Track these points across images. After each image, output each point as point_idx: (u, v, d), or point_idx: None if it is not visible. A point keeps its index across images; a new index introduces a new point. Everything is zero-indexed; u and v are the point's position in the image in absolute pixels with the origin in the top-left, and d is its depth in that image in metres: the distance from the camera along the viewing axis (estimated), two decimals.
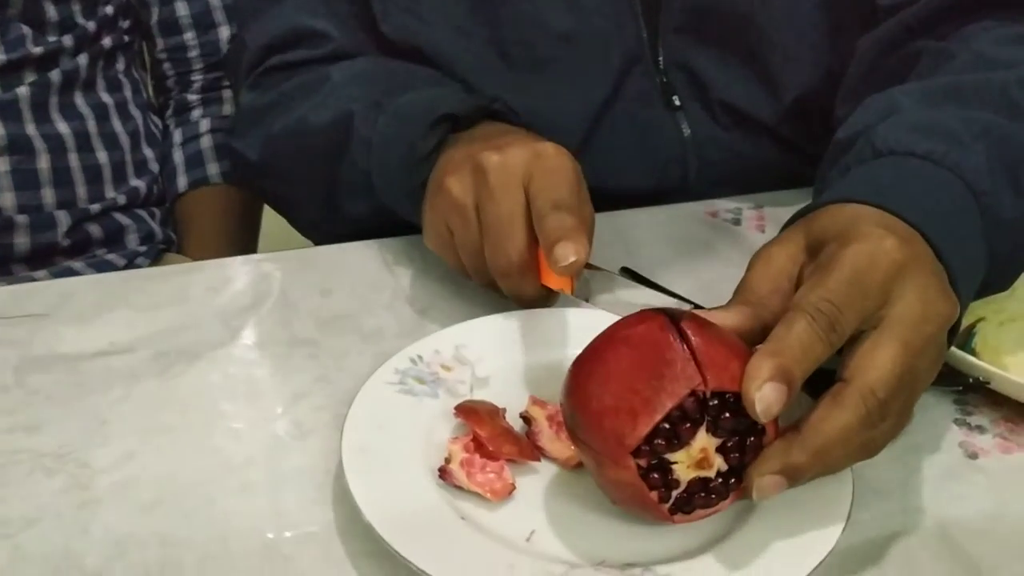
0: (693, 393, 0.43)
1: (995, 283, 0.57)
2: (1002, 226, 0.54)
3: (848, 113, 0.63)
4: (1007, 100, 0.59)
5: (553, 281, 0.61)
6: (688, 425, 0.44)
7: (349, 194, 0.74)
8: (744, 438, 0.45)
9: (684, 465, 0.44)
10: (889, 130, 0.57)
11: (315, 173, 0.76)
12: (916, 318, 0.46)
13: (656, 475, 0.44)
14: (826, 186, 0.58)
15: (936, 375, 0.49)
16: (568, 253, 0.56)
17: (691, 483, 0.45)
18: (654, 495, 0.44)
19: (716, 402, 0.44)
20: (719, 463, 0.45)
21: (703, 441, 0.44)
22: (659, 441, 0.44)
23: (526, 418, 0.53)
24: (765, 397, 0.43)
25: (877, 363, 0.45)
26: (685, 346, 0.44)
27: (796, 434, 0.44)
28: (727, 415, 0.44)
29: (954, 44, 0.66)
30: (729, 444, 0.45)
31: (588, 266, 0.59)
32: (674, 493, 0.45)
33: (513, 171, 0.60)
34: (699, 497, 0.45)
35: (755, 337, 0.47)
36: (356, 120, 0.72)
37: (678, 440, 0.44)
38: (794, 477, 0.44)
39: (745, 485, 0.45)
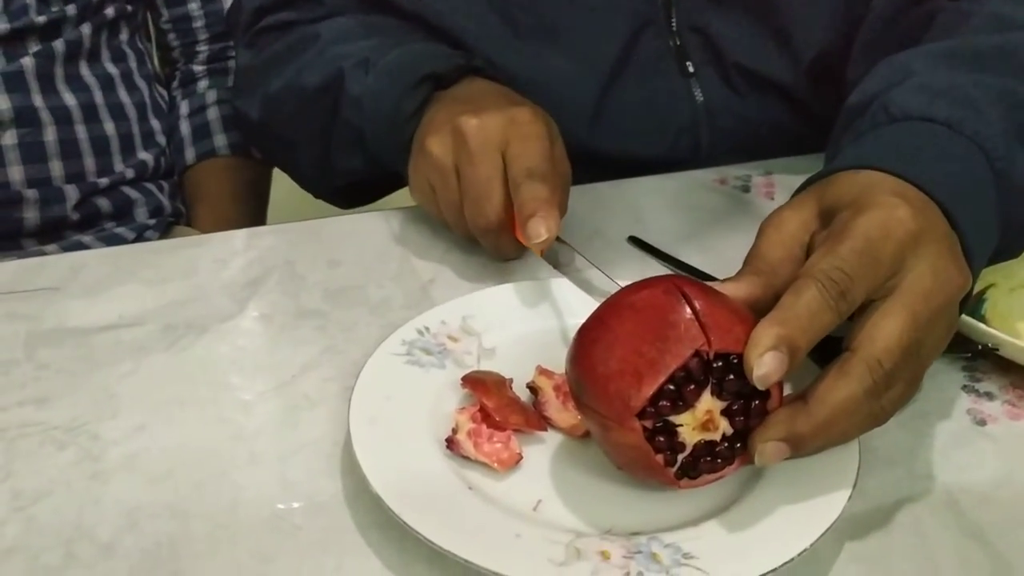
0: (697, 354, 0.43)
1: (1008, 249, 0.56)
2: (1016, 192, 0.54)
3: (861, 74, 0.63)
4: (1022, 63, 0.58)
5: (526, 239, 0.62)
6: (693, 387, 0.44)
7: (343, 149, 0.77)
8: (749, 402, 0.45)
9: (689, 427, 0.44)
10: (905, 95, 0.56)
11: (311, 130, 0.79)
12: (927, 289, 0.45)
13: (662, 438, 0.44)
14: (838, 151, 0.57)
15: (947, 344, 0.48)
16: (540, 230, 0.59)
17: (696, 447, 0.45)
18: (659, 458, 0.44)
19: (720, 364, 0.44)
20: (724, 426, 0.45)
21: (708, 403, 0.44)
22: (664, 403, 0.44)
23: (533, 388, 0.53)
24: (765, 364, 0.42)
25: (884, 333, 0.44)
26: (689, 309, 0.44)
27: (801, 403, 0.44)
28: (731, 377, 0.44)
29: (969, 3, 0.65)
30: (735, 407, 0.45)
31: (559, 240, 0.62)
32: (680, 457, 0.45)
33: (490, 136, 0.63)
34: (705, 462, 0.45)
35: (766, 306, 0.46)
36: (346, 79, 0.74)
37: (683, 402, 0.44)
38: (797, 445, 0.44)
39: (749, 450, 0.45)
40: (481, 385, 0.52)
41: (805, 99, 0.80)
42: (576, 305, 0.60)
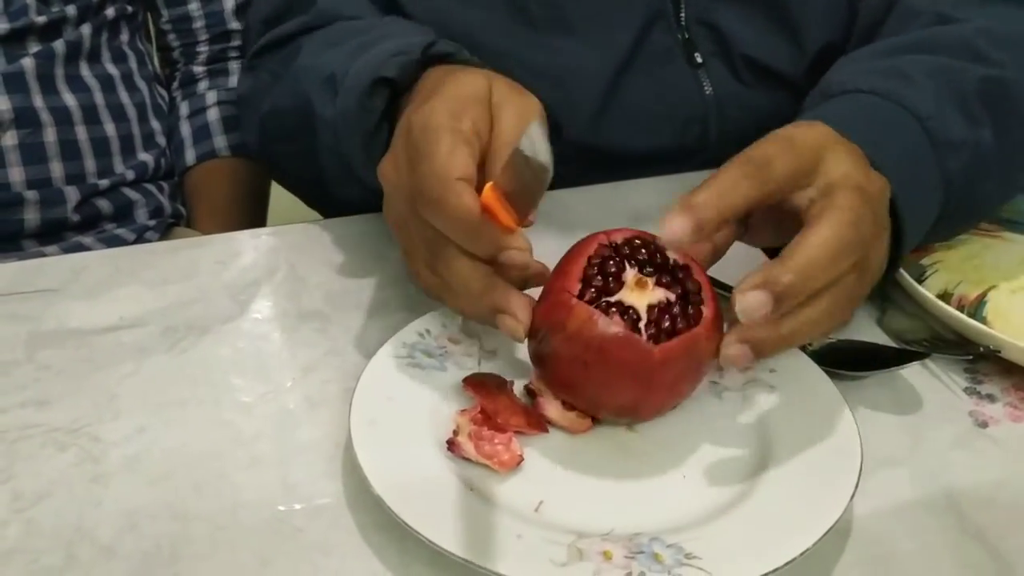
0: (603, 245, 0.50)
1: (957, 213, 0.59)
2: (953, 148, 0.57)
3: None
4: (966, 47, 0.62)
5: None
6: (612, 264, 0.50)
7: (333, 181, 0.70)
8: (673, 275, 0.50)
9: (629, 291, 0.49)
10: (841, 75, 0.61)
11: (300, 155, 0.72)
12: (857, 175, 0.49)
13: (612, 308, 0.48)
14: None
15: (944, 344, 0.49)
16: (515, 329, 0.51)
17: (650, 312, 0.49)
18: (619, 321, 0.47)
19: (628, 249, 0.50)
20: (661, 294, 0.49)
21: (634, 275, 0.50)
22: (596, 284, 0.49)
23: (531, 391, 0.53)
24: (669, 224, 0.45)
25: (839, 198, 0.48)
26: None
27: (777, 258, 0.46)
28: (642, 251, 0.50)
29: (922, 3, 0.69)
30: (664, 280, 0.50)
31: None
32: (640, 326, 0.48)
33: (389, 178, 0.55)
34: (668, 324, 0.48)
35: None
36: (315, 104, 0.66)
37: (613, 279, 0.49)
38: (779, 295, 0.45)
39: (731, 304, 0.46)
40: (482, 387, 0.52)
41: (811, 90, 0.81)
42: None
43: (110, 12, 0.98)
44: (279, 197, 1.03)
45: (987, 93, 0.60)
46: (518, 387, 0.54)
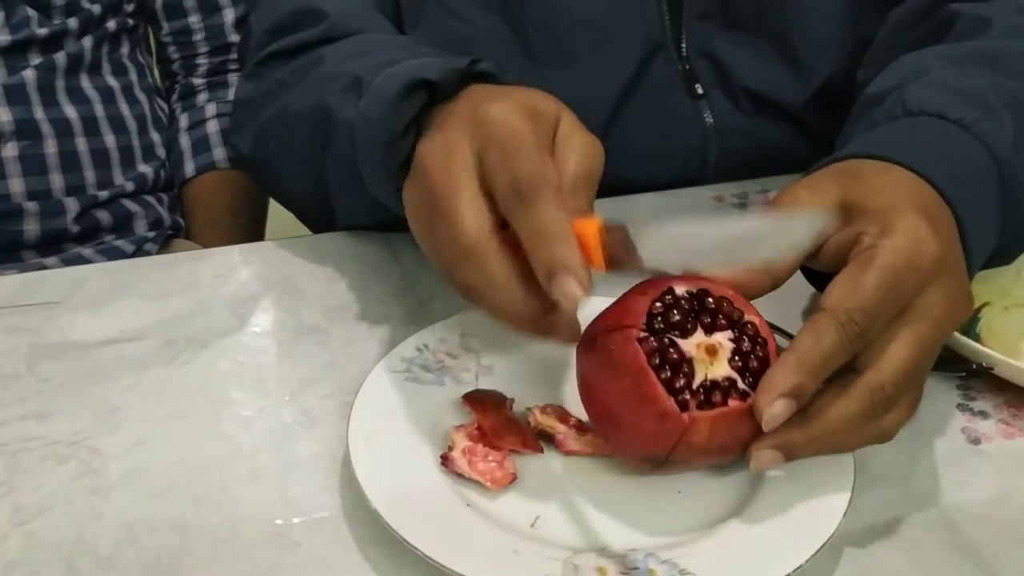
0: (670, 290, 0.47)
1: (1002, 255, 0.57)
2: (1017, 198, 0.55)
3: (871, 75, 0.64)
4: None
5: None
6: (677, 313, 0.46)
7: (340, 190, 0.68)
8: (740, 337, 0.47)
9: (693, 344, 0.46)
10: (921, 91, 0.57)
11: (302, 164, 0.70)
12: (938, 318, 0.46)
13: (671, 349, 0.45)
14: (850, 136, 0.59)
15: (940, 362, 0.49)
16: (573, 290, 0.44)
17: (704, 382, 0.45)
18: (656, 380, 0.45)
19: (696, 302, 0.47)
20: (726, 357, 0.46)
21: (704, 342, 0.46)
22: (659, 316, 0.46)
23: (543, 433, 0.52)
24: (774, 410, 0.44)
25: (892, 358, 0.45)
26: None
27: (801, 414, 0.45)
28: (709, 300, 0.47)
29: (989, 11, 0.66)
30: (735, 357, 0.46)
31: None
32: (695, 383, 0.45)
33: (453, 157, 0.49)
34: (716, 395, 0.45)
35: (764, 291, 0.48)
36: (333, 106, 0.64)
37: (677, 324, 0.46)
38: (790, 454, 0.45)
39: (745, 460, 0.46)
40: (480, 404, 0.52)
41: (812, 122, 0.81)
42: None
43: (111, 25, 0.98)
44: (278, 209, 1.04)
45: None
46: (518, 404, 0.54)
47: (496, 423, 0.51)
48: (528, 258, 0.46)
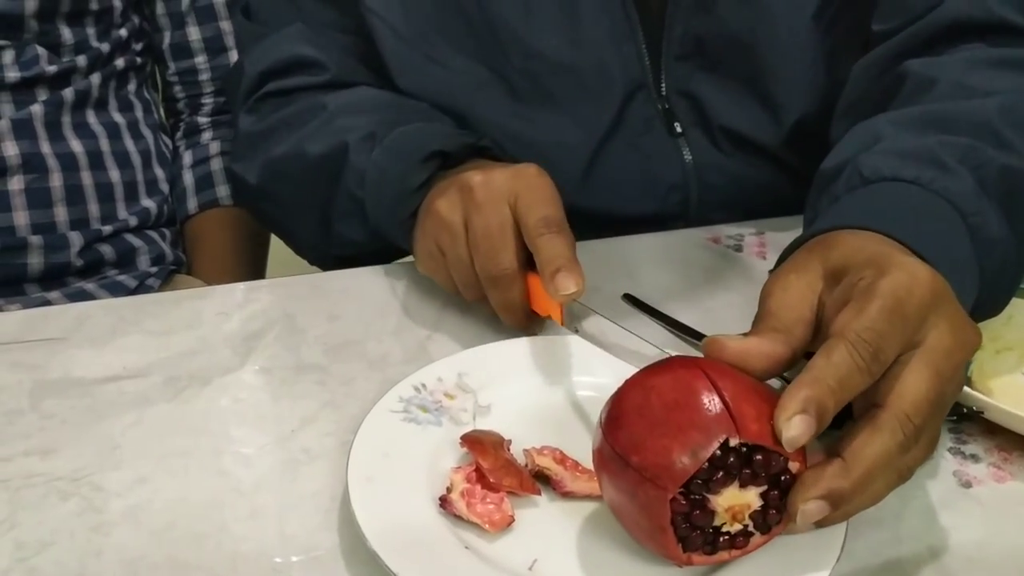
0: (726, 443, 0.44)
1: (986, 304, 0.58)
2: (991, 245, 0.56)
3: (843, 130, 0.65)
4: (988, 129, 0.61)
5: (542, 308, 0.63)
6: (721, 472, 0.44)
7: (344, 220, 0.77)
8: (775, 483, 0.45)
9: (723, 505, 0.45)
10: (875, 158, 0.58)
11: (312, 198, 0.79)
12: (948, 346, 0.47)
13: (697, 511, 0.45)
14: (817, 214, 0.60)
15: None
16: (569, 284, 0.59)
17: (716, 529, 0.45)
18: (672, 532, 0.45)
19: (745, 450, 0.44)
20: (748, 513, 0.45)
21: (734, 491, 0.45)
22: (698, 481, 0.44)
23: (540, 475, 0.53)
24: (793, 427, 0.43)
25: (912, 389, 0.46)
26: (718, 398, 0.45)
27: (838, 460, 0.45)
28: (759, 457, 0.45)
29: (936, 70, 0.67)
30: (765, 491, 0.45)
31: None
32: (700, 532, 0.45)
33: (497, 187, 0.64)
34: (723, 540, 0.46)
35: (787, 365, 0.48)
36: (351, 151, 0.74)
37: (717, 482, 0.44)
38: (837, 502, 0.45)
39: (789, 512, 0.45)
40: (478, 445, 0.53)
41: (790, 160, 0.83)
42: (571, 364, 0.61)
43: (119, 63, 1.00)
44: (279, 247, 1.05)
45: (1007, 184, 0.59)
46: (514, 443, 0.55)
47: (495, 465, 0.51)
48: (540, 268, 0.61)
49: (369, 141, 0.74)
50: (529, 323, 0.66)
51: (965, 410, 0.59)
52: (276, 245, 1.08)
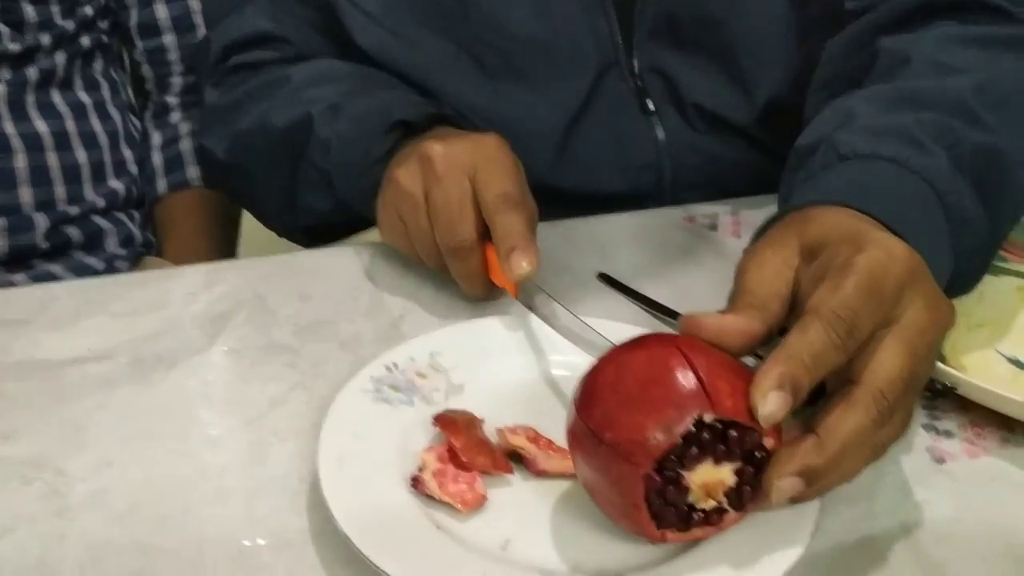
0: (701, 419, 0.44)
1: (959, 282, 0.58)
2: (965, 225, 0.56)
3: (816, 109, 0.65)
4: (963, 107, 0.61)
5: (500, 279, 0.64)
6: (696, 450, 0.44)
7: (310, 190, 0.77)
8: (750, 459, 0.45)
9: (696, 482, 0.44)
10: (851, 135, 0.58)
11: (278, 170, 0.79)
12: (923, 324, 0.47)
13: (671, 487, 0.44)
14: (792, 191, 0.59)
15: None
16: (522, 264, 0.60)
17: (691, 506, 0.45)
18: (646, 509, 0.44)
19: (721, 427, 0.44)
20: (723, 490, 0.45)
21: (708, 467, 0.44)
22: (672, 458, 0.44)
23: (513, 454, 0.52)
24: (770, 403, 0.43)
25: (887, 366, 0.45)
26: (693, 374, 0.44)
27: (812, 436, 0.45)
28: (734, 433, 0.44)
29: (910, 47, 0.67)
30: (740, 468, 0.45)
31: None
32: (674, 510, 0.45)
33: (457, 159, 0.64)
34: (698, 516, 0.45)
35: (763, 341, 0.47)
36: (315, 122, 0.74)
37: (692, 458, 0.44)
38: (811, 479, 0.44)
39: (763, 489, 0.45)
40: (451, 424, 0.52)
41: (763, 138, 0.82)
42: (543, 342, 0.61)
43: (85, 41, 0.98)
44: (250, 228, 1.04)
45: (981, 163, 0.59)
46: (489, 426, 0.54)
47: (467, 444, 0.51)
48: (495, 246, 0.62)
49: (333, 112, 0.74)
50: (489, 292, 0.66)
51: (939, 386, 0.59)
52: (250, 230, 1.07)
